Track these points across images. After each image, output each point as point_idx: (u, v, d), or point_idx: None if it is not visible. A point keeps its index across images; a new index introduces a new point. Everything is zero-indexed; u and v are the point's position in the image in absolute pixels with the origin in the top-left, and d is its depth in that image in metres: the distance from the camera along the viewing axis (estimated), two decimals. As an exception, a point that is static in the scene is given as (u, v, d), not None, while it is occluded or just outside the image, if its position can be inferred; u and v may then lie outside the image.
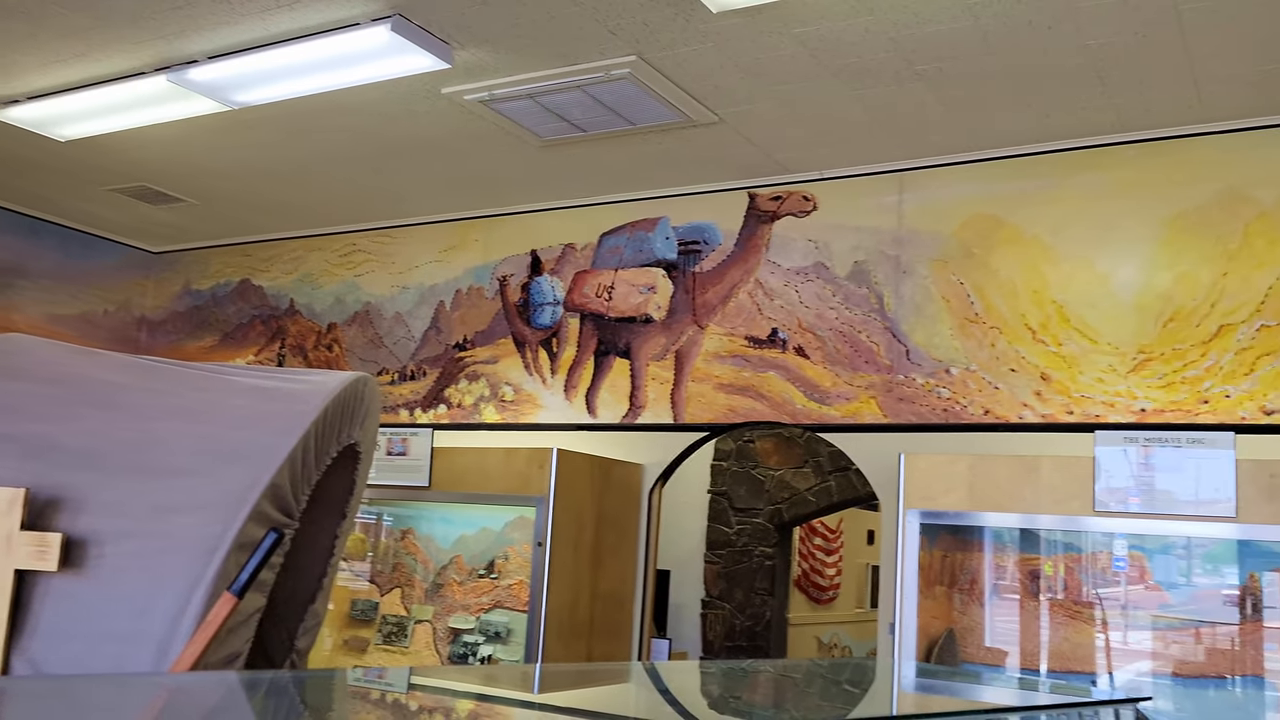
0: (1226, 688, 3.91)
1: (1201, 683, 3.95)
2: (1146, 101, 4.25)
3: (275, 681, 2.17)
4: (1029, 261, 4.69)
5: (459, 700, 2.23)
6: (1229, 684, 3.91)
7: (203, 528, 2.34)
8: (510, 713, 2.21)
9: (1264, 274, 4.25)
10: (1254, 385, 4.20)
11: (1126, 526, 3.92)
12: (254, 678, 2.24)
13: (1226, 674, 3.93)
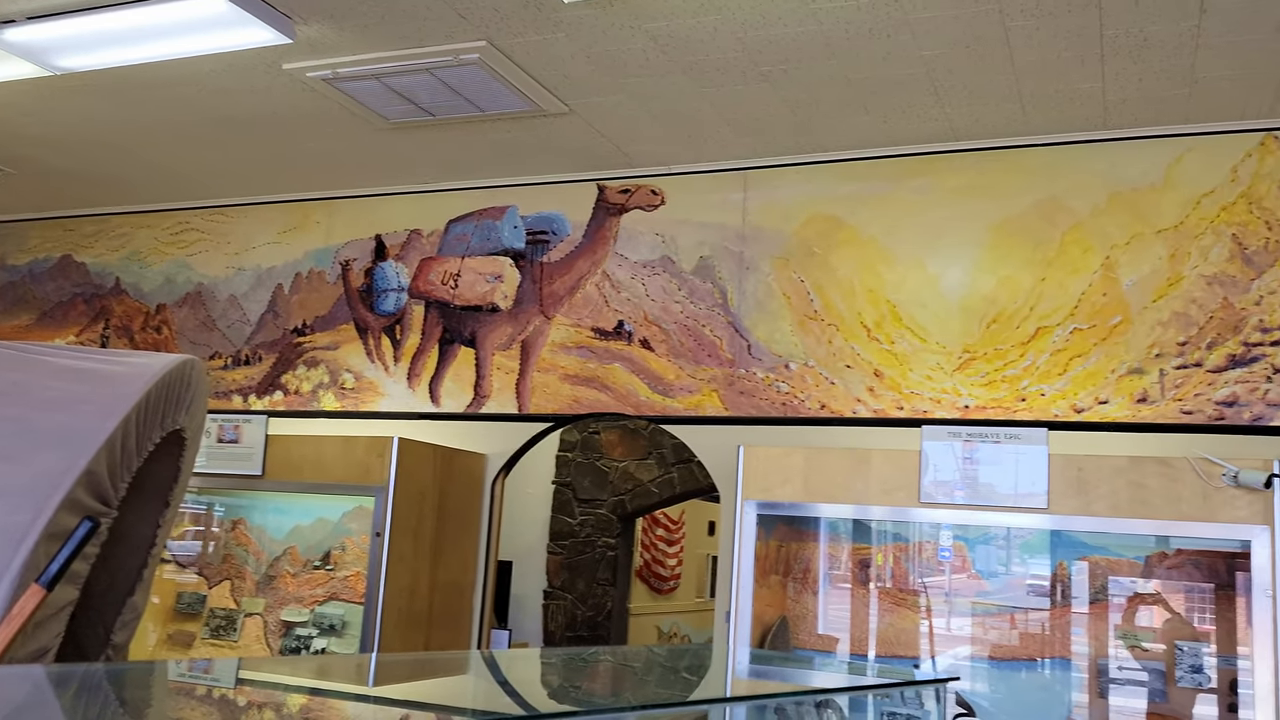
0: (1037, 669, 4.15)
1: (1015, 665, 4.18)
2: (976, 112, 4.46)
3: (88, 676, 2.06)
4: (866, 262, 4.86)
5: (290, 695, 2.17)
6: (1039, 666, 4.15)
7: (10, 515, 2.21)
8: (344, 707, 2.17)
9: (1078, 280, 4.52)
10: (1066, 385, 4.47)
11: (950, 517, 4.12)
12: (64, 672, 2.13)
13: (1037, 656, 4.17)
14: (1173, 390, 4.31)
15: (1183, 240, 4.39)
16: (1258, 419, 4.17)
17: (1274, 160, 4.30)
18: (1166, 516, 3.77)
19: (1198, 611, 3.98)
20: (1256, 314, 4.24)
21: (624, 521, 8.76)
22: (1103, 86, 4.14)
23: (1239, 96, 4.14)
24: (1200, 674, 3.90)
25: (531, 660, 4.08)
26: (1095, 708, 4.05)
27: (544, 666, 3.27)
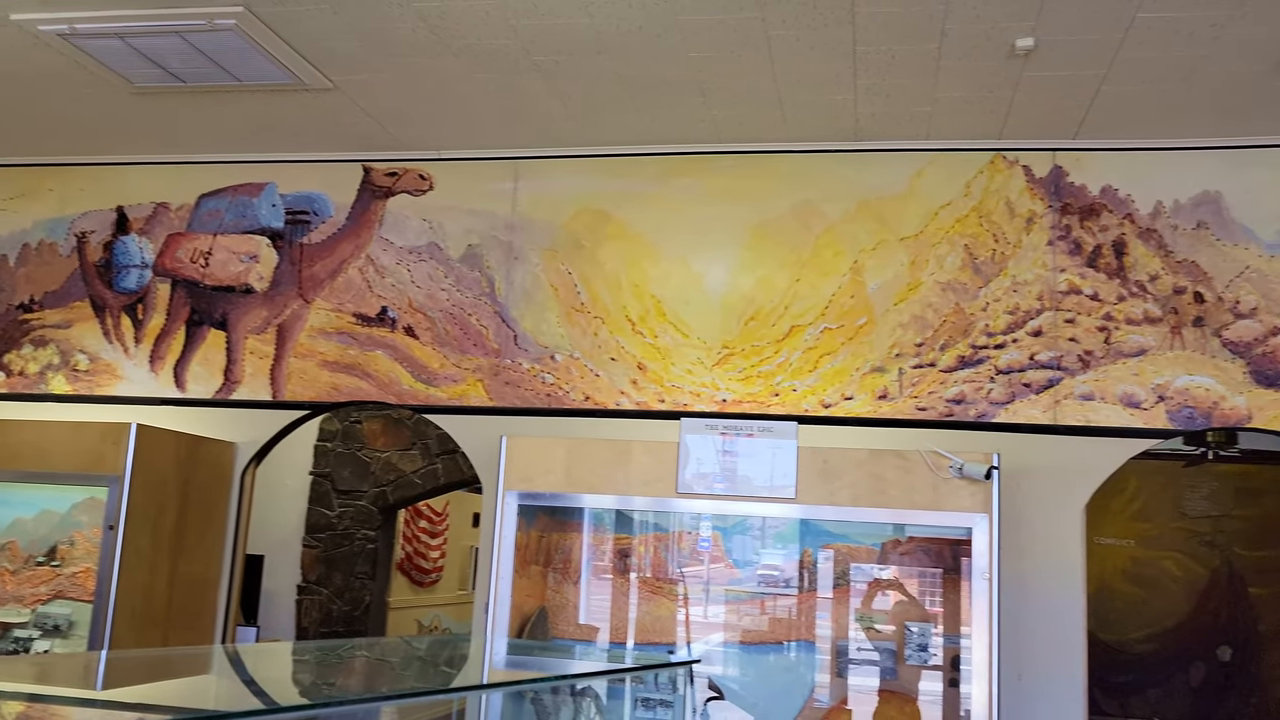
0: (784, 652, 4.34)
1: (764, 649, 4.36)
2: (740, 116, 4.62)
3: None
4: (632, 257, 4.94)
5: (4, 703, 1.99)
6: (786, 649, 4.35)
7: None
8: (69, 713, 2.01)
9: (829, 282, 4.76)
10: (816, 381, 4.70)
11: (706, 507, 4.25)
12: None
13: (784, 640, 4.36)
14: (910, 388, 4.61)
15: (922, 248, 4.71)
16: (982, 416, 4.52)
17: (1002, 178, 4.68)
18: (901, 506, 4.03)
19: (929, 595, 4.27)
20: (983, 319, 4.60)
21: (385, 513, 8.55)
22: (855, 99, 4.37)
23: (973, 117, 4.48)
24: (926, 652, 4.19)
25: (272, 655, 3.91)
26: (835, 686, 4.28)
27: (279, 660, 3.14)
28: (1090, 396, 4.46)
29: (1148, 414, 4.40)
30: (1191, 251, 4.48)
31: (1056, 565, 4.36)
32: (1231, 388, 4.36)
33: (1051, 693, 4.29)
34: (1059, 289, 4.56)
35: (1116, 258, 4.54)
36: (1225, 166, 4.49)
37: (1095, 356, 4.48)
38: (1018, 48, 3.84)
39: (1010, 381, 4.53)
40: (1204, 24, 3.65)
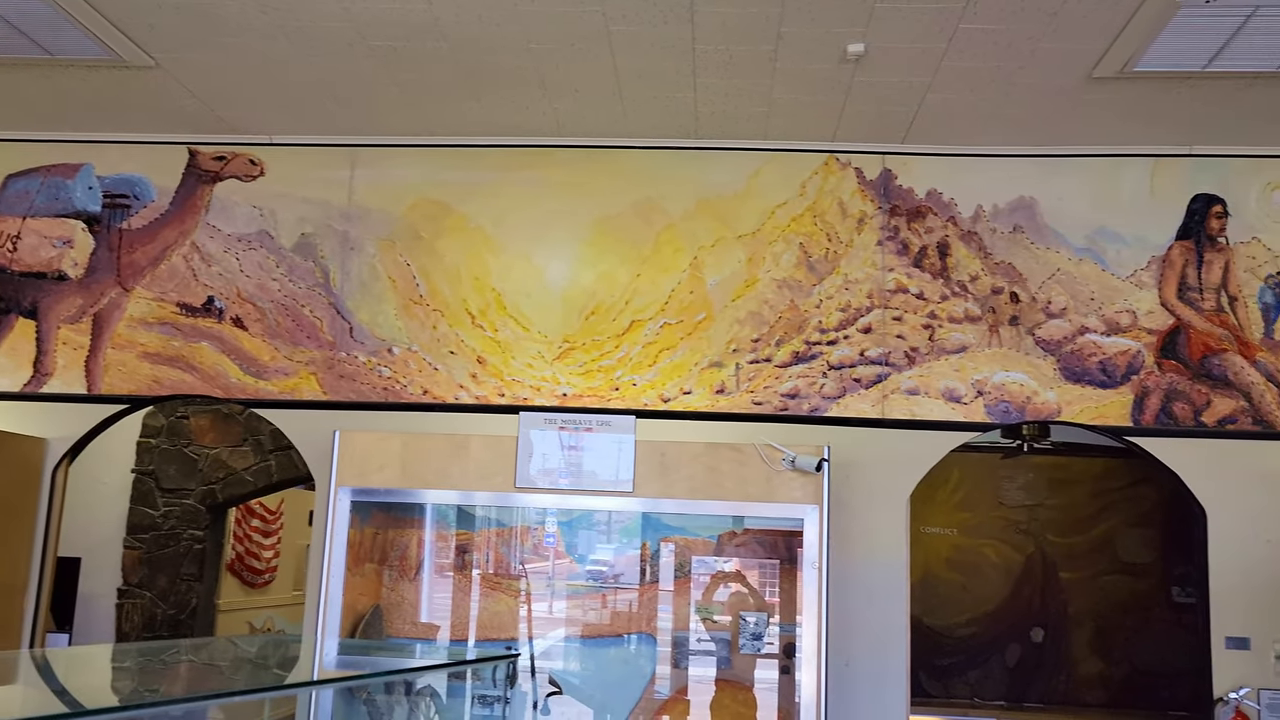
0: (625, 645, 4.37)
1: (606, 642, 4.37)
2: (582, 111, 4.61)
3: None
4: (473, 249, 4.88)
5: None
6: (626, 641, 4.37)
7: None
8: None
9: (669, 278, 4.81)
10: (656, 375, 4.74)
11: (546, 502, 4.23)
12: None
13: (625, 632, 4.38)
14: (746, 383, 4.71)
15: (759, 246, 4.80)
16: (815, 410, 4.65)
17: (835, 180, 4.82)
18: (737, 498, 4.11)
19: (770, 585, 4.37)
20: (816, 316, 4.73)
21: (214, 512, 8.19)
22: (695, 97, 4.43)
23: (808, 120, 4.59)
24: (759, 641, 4.29)
25: (82, 660, 3.70)
26: (674, 677, 4.33)
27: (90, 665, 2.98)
28: (915, 391, 4.64)
29: (967, 408, 4.61)
30: (1008, 254, 4.72)
31: (883, 554, 4.52)
32: (1043, 383, 4.61)
33: (877, 677, 4.45)
34: (888, 288, 4.73)
35: (940, 259, 4.73)
36: (1039, 173, 4.75)
37: (920, 353, 4.67)
38: (849, 53, 3.96)
39: (842, 377, 4.68)
40: (1021, 37, 3.84)
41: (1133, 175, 4.71)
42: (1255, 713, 4.24)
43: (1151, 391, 4.55)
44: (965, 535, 7.13)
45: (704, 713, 4.31)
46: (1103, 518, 7.02)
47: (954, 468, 7.09)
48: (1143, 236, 4.67)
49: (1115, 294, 4.64)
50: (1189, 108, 4.33)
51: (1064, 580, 7.01)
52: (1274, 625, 4.33)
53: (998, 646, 6.98)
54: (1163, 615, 6.82)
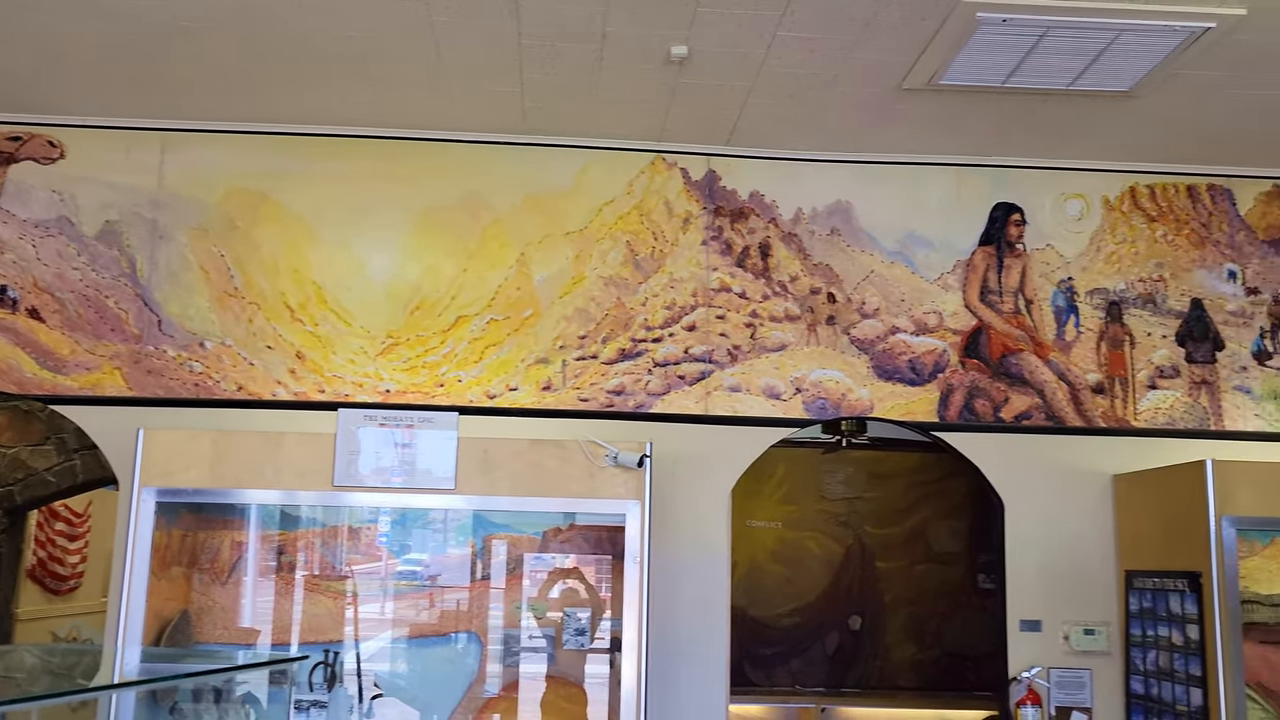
0: (454, 644, 4.32)
1: (435, 641, 4.32)
2: (404, 101, 4.53)
3: None
4: (291, 240, 4.73)
5: None
6: (455, 640, 4.33)
7: None
8: None
9: (496, 273, 4.78)
10: (482, 372, 4.70)
11: (367, 500, 4.14)
12: None
13: (454, 631, 4.34)
14: (572, 379, 4.72)
15: (587, 243, 4.83)
16: (640, 407, 4.71)
17: (662, 179, 4.89)
18: (560, 494, 4.12)
19: (604, 580, 4.39)
20: (642, 314, 4.79)
21: (12, 515, 7.68)
22: (521, 92, 4.41)
23: (635, 118, 4.64)
24: (583, 636, 4.31)
25: None
26: (505, 675, 4.31)
27: None
28: (737, 388, 4.75)
29: (787, 404, 4.75)
30: (826, 256, 4.88)
31: (706, 547, 4.62)
32: (857, 381, 4.79)
33: (700, 668, 4.54)
34: (712, 286, 4.82)
35: (762, 259, 4.86)
36: (856, 179, 4.93)
37: (742, 351, 4.78)
38: (673, 54, 4.02)
39: (667, 374, 4.75)
40: (835, 47, 3.98)
41: (940, 183, 4.94)
42: (1045, 690, 4.52)
43: (956, 389, 4.79)
44: (789, 528, 7.35)
45: (533, 710, 4.32)
46: (916, 510, 7.36)
47: (779, 463, 7.29)
48: (949, 242, 4.91)
49: (924, 296, 4.87)
50: (991, 121, 4.57)
51: (880, 570, 7.31)
52: (1063, 608, 4.62)
53: (818, 635, 7.23)
54: (969, 601, 7.20)
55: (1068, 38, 3.79)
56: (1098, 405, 4.80)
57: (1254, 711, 3.95)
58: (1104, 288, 4.90)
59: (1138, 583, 4.45)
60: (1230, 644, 3.90)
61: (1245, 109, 4.37)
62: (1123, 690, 4.52)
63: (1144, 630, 4.39)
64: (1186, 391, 4.82)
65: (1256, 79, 4.11)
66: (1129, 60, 3.93)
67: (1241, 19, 3.65)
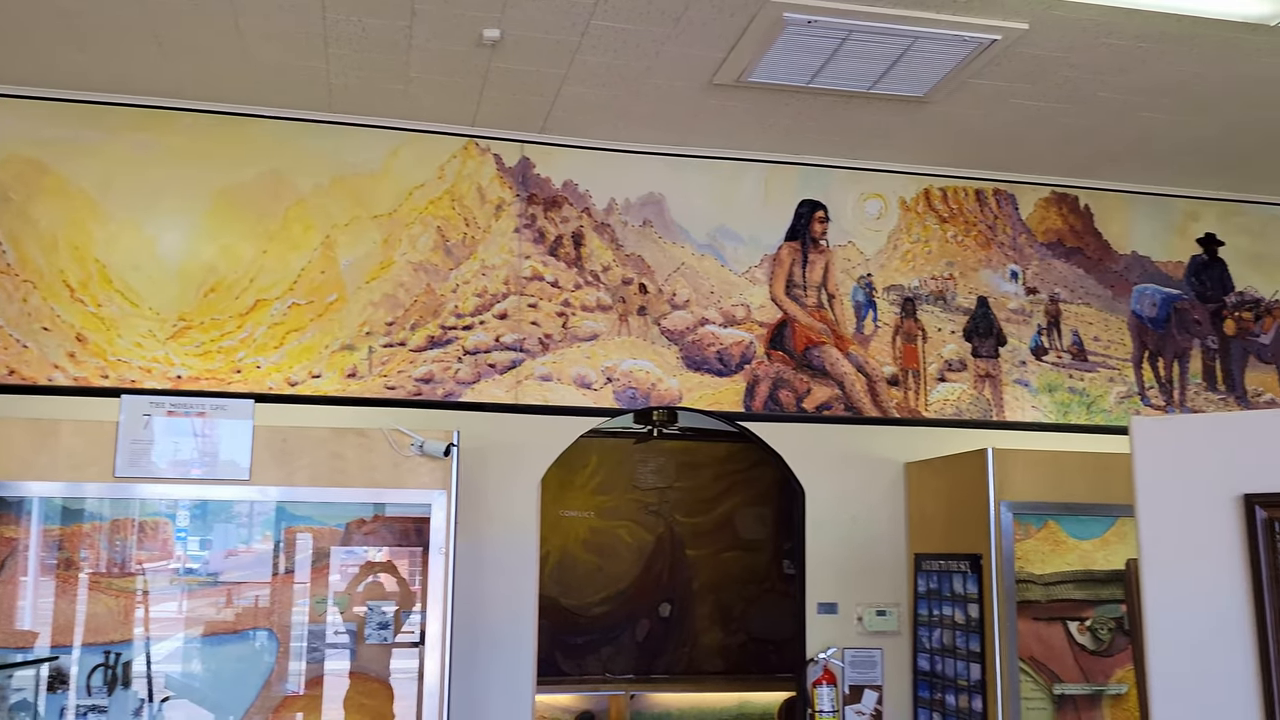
0: (252, 640, 4.13)
1: (232, 638, 4.12)
2: (203, 73, 4.30)
3: None
4: (74, 216, 4.42)
5: None
6: (251, 637, 4.14)
7: None
8: None
9: (299, 256, 4.60)
10: (282, 358, 4.52)
11: (155, 492, 3.91)
12: None
13: (251, 627, 4.15)
14: (379, 367, 4.60)
15: (396, 227, 4.71)
16: (449, 395, 4.63)
17: (475, 164, 4.81)
18: (363, 484, 4.00)
19: (417, 573, 4.28)
20: (453, 301, 4.71)
21: None
22: (328, 69, 4.26)
23: (447, 102, 4.55)
24: (386, 630, 4.21)
25: None
26: (310, 672, 4.16)
27: None
28: (548, 377, 4.74)
29: (597, 394, 4.77)
30: (638, 247, 4.92)
31: (515, 537, 4.59)
32: (667, 371, 4.86)
33: (507, 659, 4.51)
34: (524, 275, 4.79)
35: (575, 248, 4.86)
36: (667, 171, 4.99)
37: (554, 340, 4.77)
38: (485, 38, 3.96)
39: (477, 362, 4.69)
40: (648, 39, 4.01)
41: (750, 179, 5.06)
42: (840, 669, 4.71)
43: (761, 380, 4.92)
44: (602, 518, 7.39)
45: (336, 707, 4.18)
46: (725, 498, 7.53)
47: (592, 453, 7.33)
48: (757, 236, 5.04)
49: (732, 289, 4.98)
50: (798, 120, 4.71)
51: (690, 557, 7.45)
52: (857, 591, 4.83)
53: (629, 623, 7.31)
54: (774, 587, 7.43)
55: (868, 42, 3.94)
56: (892, 396, 5.02)
57: (1026, 683, 4.22)
58: (900, 284, 5.13)
59: (925, 565, 4.69)
60: (1006, 621, 4.15)
61: (1027, 118, 4.66)
62: (910, 667, 4.75)
63: (930, 610, 4.63)
64: (972, 384, 5.11)
65: (1037, 91, 4.38)
66: (923, 67, 4.13)
67: (1024, 33, 3.88)
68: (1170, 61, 4.11)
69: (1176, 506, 2.35)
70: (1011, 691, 4.11)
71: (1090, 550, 4.39)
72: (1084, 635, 4.32)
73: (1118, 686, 4.27)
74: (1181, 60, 4.10)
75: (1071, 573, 4.35)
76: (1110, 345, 5.28)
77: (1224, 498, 2.31)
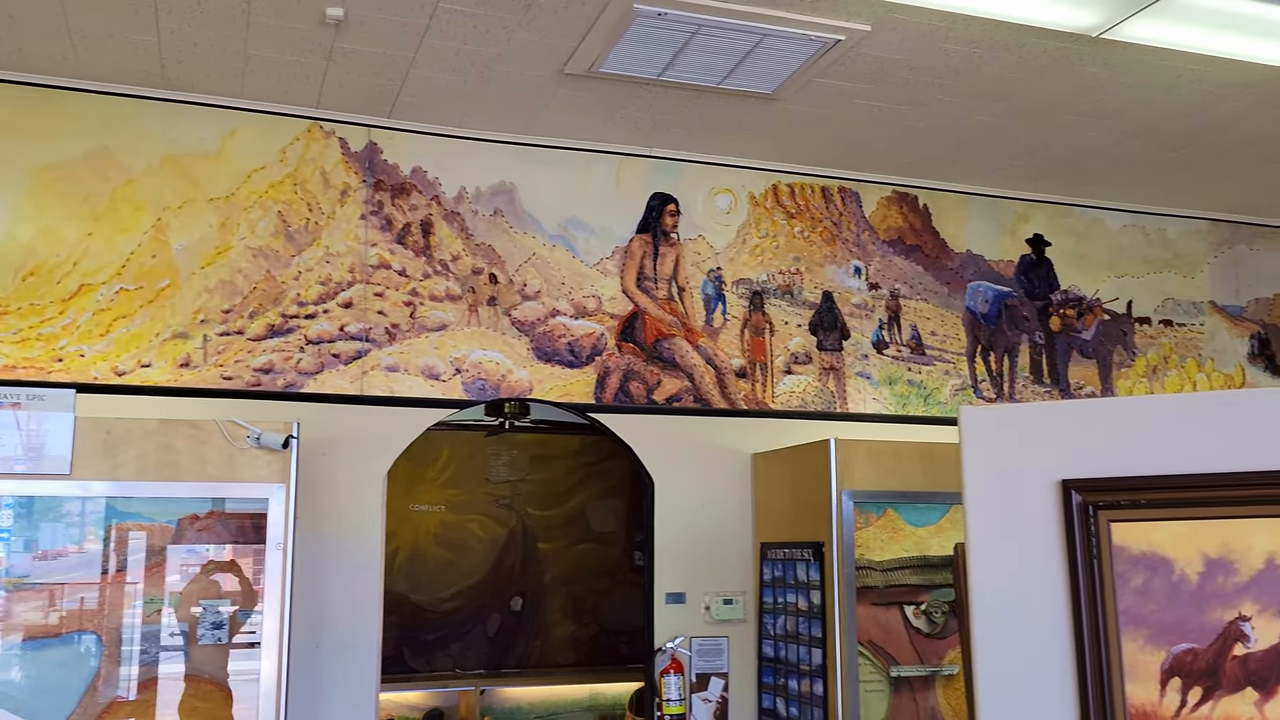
0: (73, 644, 3.91)
1: (50, 643, 3.89)
2: (20, 42, 4.04)
3: None
4: (-128, 190, 4.09)
5: None
6: (76, 640, 3.92)
7: None
8: None
9: (128, 239, 4.37)
10: (109, 346, 4.29)
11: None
12: None
13: (76, 630, 3.92)
14: (215, 356, 4.41)
15: (234, 211, 4.52)
16: (290, 386, 4.48)
17: (319, 148, 4.66)
18: (196, 478, 3.83)
19: (260, 572, 4.11)
20: (295, 288, 4.56)
21: None
22: (159, 42, 4.05)
23: (289, 82, 4.40)
24: (221, 630, 4.04)
25: None
26: (143, 675, 3.96)
27: None
28: (395, 368, 4.63)
29: (446, 385, 4.69)
30: (489, 236, 4.86)
31: (359, 532, 4.47)
32: (517, 362, 4.81)
33: (350, 657, 4.39)
34: (370, 263, 4.67)
35: (424, 237, 4.76)
36: (520, 161, 4.94)
37: (401, 330, 4.67)
38: (328, 16, 3.83)
39: (320, 352, 4.55)
40: (497, 25, 3.95)
41: (601, 170, 5.06)
42: (687, 658, 4.76)
43: (612, 371, 4.93)
44: (453, 511, 7.28)
45: (170, 712, 4.00)
46: (577, 491, 7.52)
47: (444, 446, 7.21)
48: (609, 228, 5.04)
49: (584, 280, 4.96)
50: (649, 113, 4.73)
51: (542, 551, 7.41)
52: (705, 580, 4.89)
53: (480, 617, 7.22)
54: (625, 578, 7.46)
55: (717, 37, 3.99)
56: (740, 388, 5.10)
57: (865, 666, 4.35)
58: (748, 278, 5.21)
59: (771, 554, 4.78)
60: (846, 607, 4.27)
61: (870, 118, 4.79)
62: (756, 654, 4.85)
63: (775, 598, 4.72)
64: (817, 377, 5.24)
65: (879, 92, 4.51)
66: (772, 64, 4.20)
67: (867, 35, 3.99)
68: (1002, 68, 4.29)
69: (1001, 492, 2.45)
70: (850, 675, 4.23)
71: (926, 537, 4.55)
72: (919, 619, 4.48)
73: (950, 667, 4.45)
74: (1013, 67, 4.29)
75: (908, 559, 4.50)
76: (946, 340, 5.50)
77: (1044, 483, 2.42)
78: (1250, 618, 2.16)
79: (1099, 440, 2.39)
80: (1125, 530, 2.30)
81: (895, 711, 4.36)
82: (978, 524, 2.44)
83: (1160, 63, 4.23)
